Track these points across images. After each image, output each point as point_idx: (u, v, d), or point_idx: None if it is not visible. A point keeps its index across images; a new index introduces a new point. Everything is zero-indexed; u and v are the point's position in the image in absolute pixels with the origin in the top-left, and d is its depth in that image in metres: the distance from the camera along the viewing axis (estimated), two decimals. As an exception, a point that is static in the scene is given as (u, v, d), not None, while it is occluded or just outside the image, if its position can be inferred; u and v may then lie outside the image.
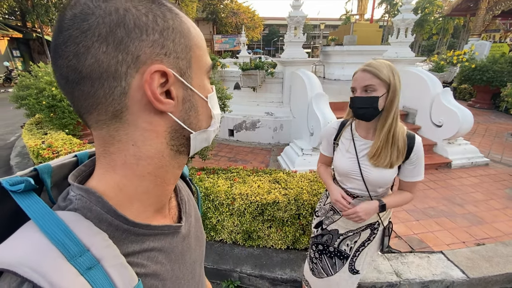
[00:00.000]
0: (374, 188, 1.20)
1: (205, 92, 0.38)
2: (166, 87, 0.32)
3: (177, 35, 0.32)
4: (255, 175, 2.34)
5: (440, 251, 2.15)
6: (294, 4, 4.12)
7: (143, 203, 0.37)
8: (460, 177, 3.43)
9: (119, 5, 0.29)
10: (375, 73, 1.02)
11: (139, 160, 0.34)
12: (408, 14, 4.30)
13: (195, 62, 0.35)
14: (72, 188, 0.33)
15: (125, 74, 0.29)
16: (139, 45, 0.29)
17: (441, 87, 3.92)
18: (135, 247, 0.35)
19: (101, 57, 0.28)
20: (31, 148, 3.33)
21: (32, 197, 0.30)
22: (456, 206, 2.80)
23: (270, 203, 1.97)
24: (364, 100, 1.05)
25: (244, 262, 2.05)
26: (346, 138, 1.23)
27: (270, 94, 4.82)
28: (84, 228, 0.30)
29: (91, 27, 0.28)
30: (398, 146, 1.09)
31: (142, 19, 0.29)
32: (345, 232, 1.31)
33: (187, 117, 0.35)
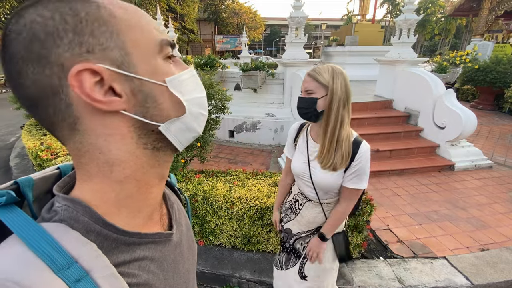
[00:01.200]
0: (322, 193, 1.20)
1: (161, 76, 0.33)
2: (106, 84, 0.29)
3: (95, 25, 0.28)
4: (254, 178, 2.31)
5: (443, 257, 2.11)
6: (295, 5, 4.08)
7: (130, 209, 0.35)
8: (464, 180, 3.38)
9: (26, 20, 0.27)
10: (315, 77, 1.07)
11: (112, 166, 0.32)
12: (410, 14, 4.25)
13: (132, 46, 0.31)
14: (57, 199, 0.32)
15: (59, 86, 0.28)
16: (57, 52, 0.27)
17: (444, 89, 3.87)
18: (125, 256, 0.33)
19: (33, 77, 0.27)
20: (30, 150, 3.31)
21: (14, 210, 0.29)
22: (460, 210, 2.75)
23: (270, 207, 1.93)
24: (305, 100, 1.10)
25: (243, 267, 2.01)
26: (302, 140, 1.26)
27: (271, 95, 4.78)
28: (71, 239, 0.29)
29: (14, 53, 0.27)
30: (342, 150, 1.09)
31: (49, 24, 0.27)
32: (298, 233, 1.35)
33: (145, 110, 0.32)
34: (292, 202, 1.36)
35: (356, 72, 7.47)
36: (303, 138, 1.25)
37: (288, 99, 4.60)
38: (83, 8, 0.28)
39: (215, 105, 2.63)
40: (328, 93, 1.06)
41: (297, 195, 1.33)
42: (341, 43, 8.30)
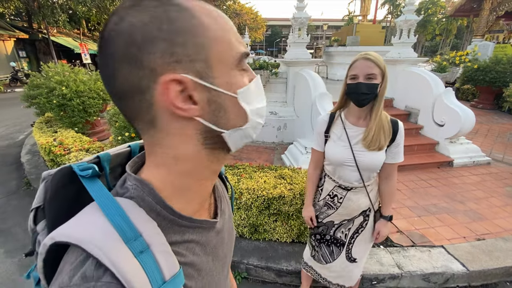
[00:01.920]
0: (367, 174, 1.29)
1: (234, 88, 0.35)
2: (186, 92, 0.32)
3: (187, 37, 0.30)
4: (261, 171, 2.42)
5: (441, 245, 2.22)
6: (298, 6, 4.20)
7: (186, 197, 0.39)
8: (462, 176, 3.48)
9: (127, 23, 0.29)
10: (377, 62, 1.12)
11: (178, 160, 0.36)
12: (410, 15, 4.36)
13: (215, 59, 0.32)
14: (129, 178, 0.37)
15: (147, 87, 0.31)
16: (150, 58, 0.30)
17: (444, 87, 3.97)
18: (177, 237, 0.37)
19: (127, 76, 0.31)
20: (43, 145, 3.43)
21: (97, 183, 0.35)
22: (457, 203, 2.85)
23: (276, 198, 2.04)
24: (368, 86, 1.13)
25: (251, 254, 2.12)
26: (338, 128, 1.30)
27: (274, 93, 4.90)
28: (138, 215, 0.33)
29: (114, 52, 0.30)
30: (384, 129, 1.20)
31: (146, 29, 0.29)
32: (340, 222, 1.41)
33: (216, 119, 0.35)
34: (328, 199, 1.39)
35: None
36: (339, 126, 1.29)
37: (291, 97, 4.71)
38: (178, 17, 0.30)
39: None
40: (384, 79, 1.14)
41: (333, 190, 1.36)
42: (342, 43, 8.41)
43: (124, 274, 0.28)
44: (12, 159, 4.47)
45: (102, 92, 4.38)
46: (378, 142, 1.19)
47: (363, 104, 1.18)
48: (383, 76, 1.14)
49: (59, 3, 13.88)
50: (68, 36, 18.79)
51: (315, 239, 1.52)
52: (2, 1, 13.75)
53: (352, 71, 1.18)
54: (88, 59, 13.50)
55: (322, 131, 1.34)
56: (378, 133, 1.19)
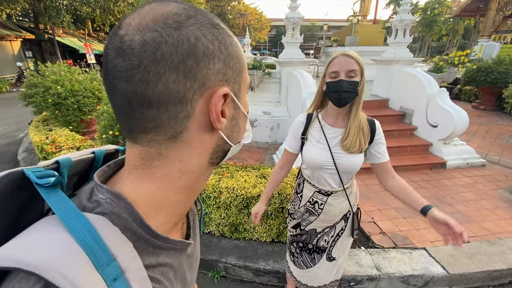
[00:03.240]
0: (346, 177, 1.26)
1: (247, 108, 0.40)
2: (222, 107, 0.33)
3: (235, 61, 0.34)
4: (243, 170, 2.42)
5: (423, 248, 2.19)
6: (291, 6, 4.19)
7: (168, 214, 0.37)
8: (454, 177, 3.43)
9: (191, 34, 0.29)
10: (357, 59, 1.09)
11: (183, 174, 0.35)
12: (406, 15, 4.31)
13: (243, 83, 0.37)
14: (100, 190, 0.32)
15: (191, 99, 0.30)
16: (207, 73, 0.30)
17: (437, 88, 3.92)
18: (151, 260, 0.34)
19: (171, 85, 0.29)
20: (36, 143, 3.50)
21: (58, 194, 0.29)
22: (446, 205, 2.81)
23: (255, 197, 2.05)
24: (350, 84, 1.08)
25: (230, 253, 2.13)
26: (315, 129, 1.26)
27: (268, 93, 4.89)
28: (112, 235, 0.29)
29: (164, 56, 0.28)
30: (363, 131, 1.17)
31: (209, 47, 0.30)
32: (323, 230, 1.37)
33: (231, 133, 0.37)
34: (309, 205, 1.35)
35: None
36: (317, 127, 1.24)
37: (285, 97, 4.71)
38: (230, 43, 0.33)
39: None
40: (362, 78, 1.10)
41: (313, 197, 1.32)
42: (341, 43, 8.36)
43: None
44: (9, 157, 4.56)
45: (97, 91, 4.45)
46: (357, 144, 1.16)
47: (344, 104, 1.13)
48: (362, 75, 1.11)
49: (64, 4, 14.12)
50: (74, 36, 19.10)
51: (297, 246, 1.48)
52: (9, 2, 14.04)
53: (332, 67, 1.12)
54: (92, 59, 13.67)
55: (298, 133, 1.29)
56: (357, 135, 1.15)
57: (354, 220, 1.39)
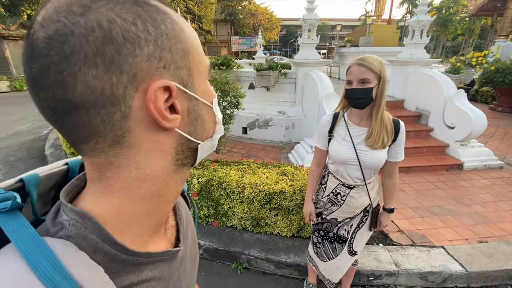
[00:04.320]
0: (369, 172, 1.36)
1: (209, 98, 0.35)
2: (170, 101, 0.29)
3: (173, 41, 0.28)
4: (264, 167, 2.52)
5: (441, 246, 2.23)
6: (308, 7, 4.26)
7: (142, 226, 0.33)
8: (471, 179, 3.43)
9: (101, 17, 0.24)
10: (369, 67, 1.17)
11: (143, 182, 0.31)
12: (423, 16, 4.31)
13: (195, 67, 0.32)
14: (65, 210, 0.29)
15: (123, 96, 0.26)
16: (134, 61, 0.25)
17: (455, 89, 3.91)
18: (132, 278, 0.31)
19: (92, 82, 0.24)
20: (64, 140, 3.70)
21: (18, 219, 0.26)
22: (463, 205, 2.83)
23: (277, 193, 2.14)
24: (361, 91, 1.20)
25: (252, 246, 2.23)
26: (341, 128, 1.37)
27: (283, 93, 4.98)
28: (78, 262, 0.26)
29: (73, 50, 0.23)
30: (387, 129, 1.27)
31: (131, 29, 0.25)
32: (343, 220, 1.48)
33: (194, 129, 0.33)
34: (332, 196, 1.45)
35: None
36: (342, 126, 1.35)
37: (300, 97, 4.78)
38: (162, 20, 0.28)
39: (230, 101, 2.87)
40: (380, 82, 1.19)
41: (336, 188, 1.42)
42: (355, 43, 8.34)
43: None
44: (36, 152, 4.81)
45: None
46: (381, 141, 1.26)
47: (360, 107, 1.25)
48: (380, 79, 1.20)
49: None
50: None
51: (318, 235, 1.59)
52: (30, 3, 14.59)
53: (348, 76, 1.26)
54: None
55: (326, 130, 1.40)
56: (380, 132, 1.25)
57: (373, 214, 1.47)
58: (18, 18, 14.90)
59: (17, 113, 8.01)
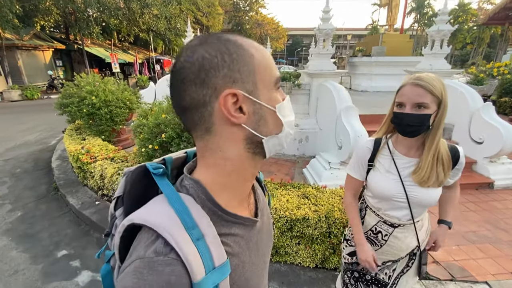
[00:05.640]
0: (419, 211, 1.13)
1: (273, 103, 0.44)
2: (238, 104, 0.40)
3: (241, 65, 0.40)
4: (283, 188, 2.32)
5: (484, 281, 1.98)
6: (324, 17, 4.12)
7: (230, 194, 0.46)
8: (505, 200, 3.15)
9: (198, 56, 0.39)
10: (429, 89, 0.96)
11: (225, 161, 0.43)
12: (443, 25, 4.13)
13: (260, 81, 0.42)
14: (186, 178, 0.45)
15: (209, 101, 0.40)
16: (215, 80, 0.39)
17: (482, 102, 3.68)
18: (225, 230, 0.43)
19: (194, 94, 0.40)
20: (72, 153, 3.57)
21: (165, 180, 0.44)
22: (501, 231, 2.56)
23: (300, 219, 1.93)
24: (416, 118, 0.98)
25: (271, 278, 2.01)
26: (384, 158, 1.15)
27: (296, 105, 4.80)
28: (196, 210, 0.40)
29: (185, 76, 0.40)
30: (443, 162, 1.04)
31: (214, 61, 0.39)
32: (384, 262, 1.24)
33: (257, 126, 0.43)
34: (371, 234, 1.24)
35: (383, 83, 7.31)
36: (387, 156, 1.15)
37: (314, 109, 4.59)
38: (235, 50, 0.40)
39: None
40: (440, 107, 0.98)
41: (377, 226, 1.21)
42: (367, 53, 8.18)
43: (185, 255, 0.35)
44: (43, 164, 4.71)
45: (128, 101, 4.53)
46: (434, 178, 1.04)
47: (411, 136, 1.04)
48: (440, 104, 0.98)
49: (94, 16, 14.87)
50: (100, 46, 20.02)
51: (351, 276, 1.34)
52: (44, 15, 14.97)
53: (399, 98, 1.04)
54: (117, 68, 14.21)
55: (365, 159, 1.19)
56: (433, 168, 1.03)
57: (422, 258, 1.24)
58: (32, 29, 15.28)
59: (28, 121, 8.04)
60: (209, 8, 22.93)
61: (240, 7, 30.69)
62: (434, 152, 1.03)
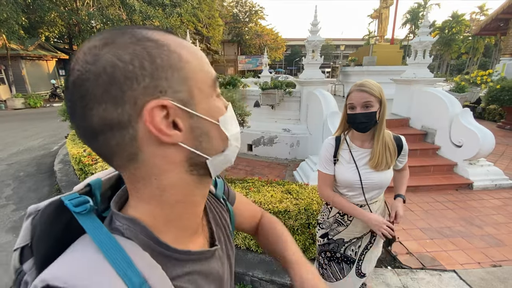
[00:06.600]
0: (377, 193, 1.36)
1: (215, 115, 0.37)
2: (170, 118, 0.32)
3: (168, 71, 0.32)
4: (269, 185, 2.52)
5: (452, 270, 2.14)
6: (312, 30, 4.41)
7: (178, 227, 0.39)
8: (482, 199, 3.33)
9: (106, 63, 0.29)
10: (371, 92, 1.21)
11: (164, 191, 0.35)
12: (425, 36, 4.40)
13: (196, 89, 0.34)
14: (117, 217, 0.35)
15: (129, 121, 0.31)
16: (133, 93, 0.30)
17: (460, 107, 3.91)
18: (177, 271, 0.36)
19: (103, 114, 0.30)
20: (74, 156, 3.78)
21: (94, 221, 0.34)
22: (474, 227, 2.74)
23: (282, 212, 2.12)
24: (365, 115, 1.23)
25: (256, 267, 2.18)
26: (344, 151, 1.37)
27: (288, 111, 5.04)
28: (142, 259, 0.32)
29: (87, 91, 0.29)
30: (389, 149, 1.30)
31: (128, 69, 0.29)
32: (350, 240, 1.45)
33: (199, 144, 0.35)
34: (338, 217, 1.44)
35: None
36: (346, 149, 1.36)
37: (305, 115, 4.83)
38: (159, 53, 0.31)
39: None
40: (382, 105, 1.23)
41: None
42: (359, 63, 8.51)
43: None
44: (46, 168, 4.91)
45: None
46: (385, 162, 1.28)
47: (364, 131, 1.27)
48: (381, 102, 1.23)
49: (97, 27, 15.34)
50: (103, 56, 20.47)
51: (324, 256, 1.54)
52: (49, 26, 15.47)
53: (349, 101, 1.27)
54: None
55: (331, 154, 1.39)
56: (383, 154, 1.28)
57: None
58: (37, 39, 15.76)
59: (31, 128, 8.28)
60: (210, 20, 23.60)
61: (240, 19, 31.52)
62: (382, 141, 1.28)
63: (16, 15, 11.38)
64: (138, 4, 14.45)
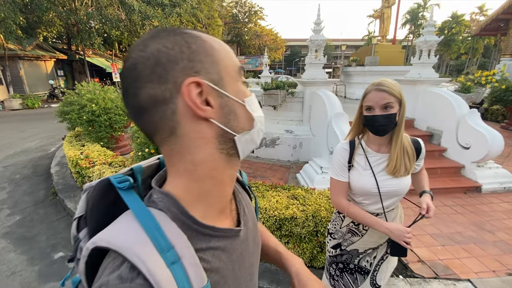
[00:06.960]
0: (394, 201, 1.25)
1: (241, 96, 0.41)
2: (203, 96, 0.37)
3: (202, 55, 0.37)
4: (273, 190, 2.41)
5: (467, 279, 2.04)
6: (315, 29, 4.31)
7: (207, 203, 0.42)
8: (491, 203, 3.24)
9: (153, 49, 0.36)
10: (391, 92, 1.09)
11: (196, 165, 0.39)
12: (430, 36, 4.31)
13: (225, 73, 0.39)
14: (154, 192, 0.41)
15: (170, 97, 0.36)
16: (174, 73, 0.35)
17: (468, 108, 3.81)
18: (202, 244, 0.39)
19: (151, 92, 0.36)
20: (71, 158, 3.66)
21: (132, 195, 0.39)
22: (486, 232, 2.64)
23: (288, 218, 2.02)
24: (385, 117, 1.12)
25: (261, 276, 2.08)
26: (360, 157, 1.26)
27: (290, 112, 4.94)
28: (170, 228, 0.36)
29: (139, 74, 0.36)
30: (408, 153, 1.19)
31: (171, 53, 0.36)
32: (364, 250, 1.34)
33: (227, 121, 0.39)
34: (352, 226, 1.33)
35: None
36: (361, 155, 1.26)
37: (307, 116, 4.73)
38: (193, 41, 0.38)
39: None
40: (401, 106, 1.12)
41: None
42: (361, 63, 8.42)
43: (158, 282, 0.31)
44: (42, 170, 4.79)
45: (127, 109, 4.66)
46: (404, 167, 1.17)
47: (383, 134, 1.17)
48: (400, 103, 1.12)
49: (96, 28, 15.23)
50: (101, 57, 20.39)
51: (336, 268, 1.43)
52: (47, 26, 15.34)
53: (367, 102, 1.16)
54: (117, 78, 14.47)
55: (345, 160, 1.27)
56: (401, 159, 1.17)
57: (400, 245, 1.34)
58: (35, 39, 15.62)
59: (28, 129, 8.15)
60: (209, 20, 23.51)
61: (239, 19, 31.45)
62: (400, 145, 1.17)
63: (14, 14, 11.26)
64: (137, 4, 14.34)
